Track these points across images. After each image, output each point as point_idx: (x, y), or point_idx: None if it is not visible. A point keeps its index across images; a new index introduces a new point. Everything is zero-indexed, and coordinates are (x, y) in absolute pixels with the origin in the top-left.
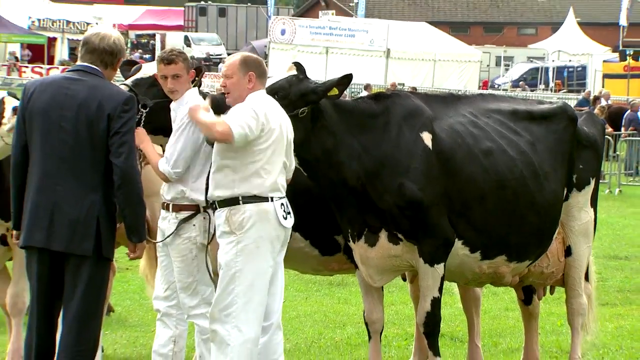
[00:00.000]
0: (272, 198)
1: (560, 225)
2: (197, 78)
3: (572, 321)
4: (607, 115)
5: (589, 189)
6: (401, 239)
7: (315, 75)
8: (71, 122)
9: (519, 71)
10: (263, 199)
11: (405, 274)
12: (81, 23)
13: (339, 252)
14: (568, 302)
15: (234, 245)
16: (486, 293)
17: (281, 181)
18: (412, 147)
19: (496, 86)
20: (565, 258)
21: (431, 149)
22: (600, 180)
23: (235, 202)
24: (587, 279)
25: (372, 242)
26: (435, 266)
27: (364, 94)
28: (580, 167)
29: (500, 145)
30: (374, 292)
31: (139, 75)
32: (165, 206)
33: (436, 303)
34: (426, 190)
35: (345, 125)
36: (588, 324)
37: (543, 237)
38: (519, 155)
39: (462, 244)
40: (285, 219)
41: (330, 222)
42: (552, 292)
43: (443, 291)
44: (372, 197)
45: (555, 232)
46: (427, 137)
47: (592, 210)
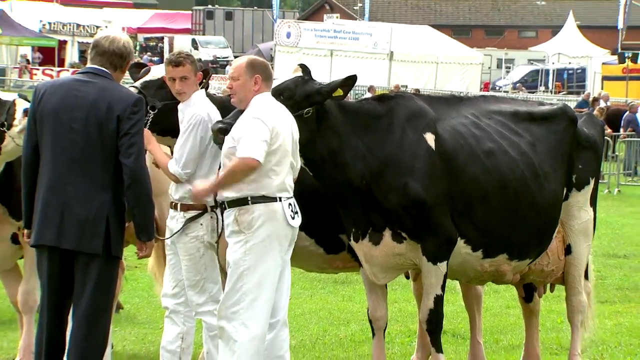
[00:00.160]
0: (280, 198)
1: (560, 224)
2: (204, 80)
3: (571, 318)
4: (605, 116)
5: (588, 189)
6: (405, 238)
7: (320, 78)
8: (81, 123)
9: (519, 73)
10: (271, 199)
11: (409, 272)
12: (91, 26)
13: (343, 251)
14: (568, 300)
15: (243, 244)
16: (488, 291)
17: (289, 181)
18: (415, 148)
19: (497, 88)
20: (565, 256)
21: (434, 149)
22: (599, 180)
23: (244, 202)
24: (586, 277)
25: (376, 241)
26: (438, 264)
27: (368, 96)
28: (580, 167)
29: (502, 146)
30: (377, 290)
31: (147, 78)
32: (174, 205)
33: (439, 300)
34: (430, 190)
35: (349, 126)
36: (587, 321)
37: (543, 236)
38: (520, 155)
39: (465, 242)
40: (293, 218)
41: (335, 221)
42: (552, 290)
43: (445, 289)
44: (376, 197)
45: (555, 231)
46: (430, 138)
47: (591, 209)
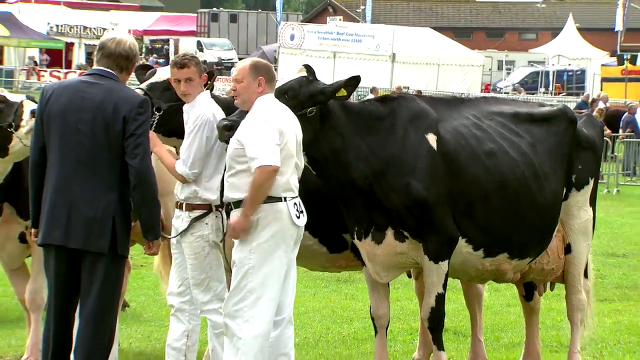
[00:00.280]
0: (285, 198)
1: (560, 224)
2: (209, 82)
3: (571, 316)
4: (605, 117)
5: (588, 189)
6: (407, 237)
7: (323, 79)
8: (88, 125)
9: (520, 75)
10: (277, 199)
11: (410, 271)
12: (98, 29)
13: (346, 250)
14: (568, 298)
15: (248, 243)
16: (488, 289)
17: (293, 181)
18: (417, 148)
19: (498, 89)
20: (565, 255)
21: (436, 150)
22: (598, 181)
23: None
24: (586, 275)
25: (378, 240)
26: (440, 263)
27: (370, 97)
28: (580, 167)
29: (503, 147)
30: (380, 288)
31: (153, 79)
32: (179, 205)
33: (440, 299)
34: (431, 190)
35: (353, 126)
36: (587, 319)
37: (543, 235)
38: (520, 156)
39: (466, 242)
40: (298, 217)
41: (338, 220)
42: (552, 289)
43: (447, 287)
44: (379, 197)
45: (554, 231)
46: (432, 139)
47: (591, 209)
